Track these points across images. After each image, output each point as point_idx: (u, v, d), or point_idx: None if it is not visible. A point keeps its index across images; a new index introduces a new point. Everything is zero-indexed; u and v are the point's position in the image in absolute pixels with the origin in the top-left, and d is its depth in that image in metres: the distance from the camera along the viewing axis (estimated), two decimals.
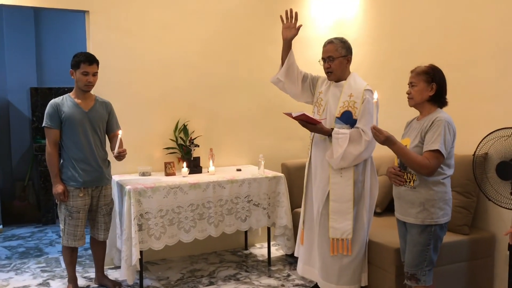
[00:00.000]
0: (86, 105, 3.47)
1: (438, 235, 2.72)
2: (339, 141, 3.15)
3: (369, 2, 4.70)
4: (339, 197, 3.25)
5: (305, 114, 3.12)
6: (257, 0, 4.72)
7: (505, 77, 3.36)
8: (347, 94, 3.25)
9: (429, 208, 2.67)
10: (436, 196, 2.67)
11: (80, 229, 3.45)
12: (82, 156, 3.42)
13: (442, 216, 2.69)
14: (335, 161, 3.19)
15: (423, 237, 2.70)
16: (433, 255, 2.73)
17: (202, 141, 4.47)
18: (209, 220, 3.87)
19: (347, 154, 3.15)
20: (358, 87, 3.25)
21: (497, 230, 3.42)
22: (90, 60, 3.40)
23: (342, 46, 3.26)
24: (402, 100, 4.05)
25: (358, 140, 3.15)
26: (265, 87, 4.79)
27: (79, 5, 4.00)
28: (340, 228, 3.25)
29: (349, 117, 3.22)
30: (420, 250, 2.71)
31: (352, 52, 3.34)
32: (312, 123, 3.19)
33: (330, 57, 3.26)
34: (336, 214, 3.26)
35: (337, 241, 3.27)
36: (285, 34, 3.38)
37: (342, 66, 3.29)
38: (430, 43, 3.97)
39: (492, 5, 3.42)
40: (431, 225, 2.68)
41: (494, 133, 3.00)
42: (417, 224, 2.71)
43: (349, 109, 3.22)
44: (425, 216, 2.68)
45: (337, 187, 3.25)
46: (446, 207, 2.71)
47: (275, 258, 4.44)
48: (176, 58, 4.41)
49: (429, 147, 2.61)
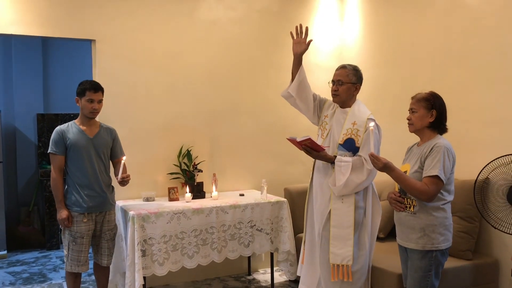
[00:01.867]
0: (91, 131, 3.53)
1: (439, 261, 2.72)
2: (342, 169, 3.17)
3: (369, 29, 4.79)
4: (340, 223, 3.25)
5: (311, 138, 3.13)
6: (260, 28, 4.82)
7: (504, 103, 3.40)
8: (350, 122, 3.28)
9: (430, 234, 2.67)
10: (436, 221, 2.68)
11: (83, 254, 3.46)
12: (87, 182, 3.46)
13: (442, 242, 2.69)
14: (338, 188, 3.21)
15: (424, 262, 2.70)
16: (434, 281, 2.72)
17: (205, 166, 4.51)
18: (212, 245, 3.88)
19: (349, 182, 3.17)
20: (361, 115, 3.28)
21: (501, 256, 3.42)
22: (95, 87, 3.47)
23: (354, 74, 3.31)
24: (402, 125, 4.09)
25: (360, 169, 3.18)
26: (268, 112, 4.87)
27: (86, 35, 4.11)
28: (340, 254, 3.24)
29: (352, 144, 3.25)
30: (422, 276, 2.71)
31: (362, 82, 3.37)
32: (316, 149, 3.21)
33: (339, 81, 3.30)
34: (336, 239, 3.26)
35: (338, 267, 3.25)
36: (295, 49, 3.39)
37: (349, 92, 3.32)
38: (430, 69, 4.03)
39: (491, 33, 3.49)
40: (432, 250, 2.68)
41: (497, 160, 3.01)
42: (417, 250, 2.71)
43: (352, 136, 3.26)
44: (426, 241, 2.68)
45: (338, 213, 3.26)
46: (446, 232, 2.71)
47: (279, 283, 4.43)
48: (179, 84, 4.49)
49: (428, 173, 2.63)
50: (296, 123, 4.87)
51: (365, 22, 4.85)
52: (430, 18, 4.03)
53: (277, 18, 4.89)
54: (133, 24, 4.28)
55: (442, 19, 3.91)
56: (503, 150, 3.36)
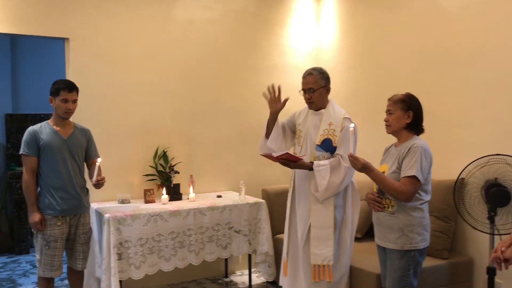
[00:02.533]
0: (65, 132, 3.44)
1: (418, 260, 2.75)
2: (322, 173, 3.18)
3: (345, 31, 4.83)
4: (320, 224, 3.26)
5: (288, 153, 3.16)
6: (237, 29, 4.80)
7: (478, 105, 3.47)
8: (326, 123, 3.31)
9: (408, 234, 2.70)
10: (415, 221, 2.70)
11: (57, 259, 3.36)
12: (61, 184, 3.37)
13: (421, 241, 2.72)
14: (321, 193, 3.21)
15: (403, 262, 2.73)
16: (413, 280, 2.75)
17: (182, 168, 4.45)
18: (189, 248, 3.83)
19: (330, 184, 3.18)
20: (337, 115, 3.31)
21: (475, 254, 3.49)
22: (69, 87, 3.38)
23: (321, 77, 3.33)
24: (379, 126, 4.14)
25: (338, 168, 3.20)
26: (245, 113, 4.84)
27: (59, 33, 4.00)
28: (321, 254, 3.26)
29: (329, 144, 3.28)
30: (400, 276, 2.73)
31: (330, 81, 3.41)
32: (293, 160, 3.21)
33: (310, 89, 3.32)
34: (317, 240, 3.27)
35: (319, 268, 3.26)
36: (272, 107, 3.38)
37: (322, 96, 3.36)
38: (406, 71, 4.09)
39: (466, 36, 3.56)
40: (410, 250, 2.71)
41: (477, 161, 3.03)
42: (396, 250, 2.74)
43: (329, 137, 3.28)
44: (404, 241, 2.71)
45: (318, 214, 3.27)
46: (424, 232, 2.74)
47: (256, 285, 4.41)
48: (156, 85, 4.42)
49: (406, 173, 2.66)
50: None
51: (341, 24, 4.89)
52: (406, 21, 4.09)
53: (254, 19, 4.88)
54: (108, 22, 4.19)
55: (418, 22, 3.97)
56: (478, 150, 3.43)
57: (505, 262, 2.26)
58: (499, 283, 3.25)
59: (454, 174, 3.55)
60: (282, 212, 4.30)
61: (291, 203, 3.46)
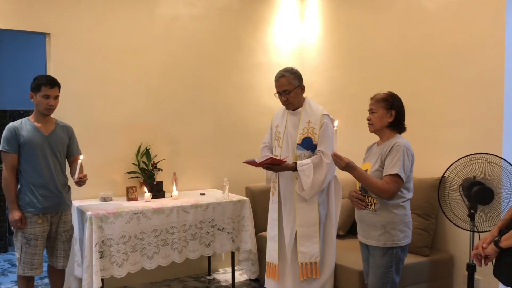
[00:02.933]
0: (46, 129, 3.38)
1: (400, 257, 2.79)
2: (306, 172, 3.20)
3: (329, 30, 4.86)
4: (306, 222, 3.28)
5: (272, 157, 3.17)
6: (220, 26, 4.78)
7: (459, 104, 3.53)
8: (305, 121, 3.33)
9: (390, 231, 2.73)
10: (397, 218, 2.73)
11: (38, 257, 3.31)
12: (42, 181, 3.31)
13: (403, 238, 2.75)
14: (307, 192, 3.22)
15: (385, 259, 2.76)
16: (395, 276, 2.79)
17: (165, 165, 4.42)
18: (172, 246, 3.82)
19: (315, 182, 3.20)
20: (315, 113, 3.33)
21: (455, 251, 3.54)
22: (51, 83, 3.33)
23: (294, 77, 3.33)
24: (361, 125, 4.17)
25: (321, 165, 3.22)
26: (228, 111, 4.84)
27: (40, 28, 3.94)
28: (308, 252, 3.27)
29: (310, 142, 3.30)
30: (383, 272, 2.76)
31: (302, 79, 3.40)
32: (277, 164, 3.21)
33: (285, 91, 3.33)
34: (303, 238, 3.28)
35: (306, 266, 3.27)
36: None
37: (298, 96, 3.37)
38: (388, 71, 4.13)
39: (447, 36, 3.61)
40: (392, 247, 2.74)
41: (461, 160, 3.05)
42: (379, 247, 2.77)
43: (308, 135, 3.30)
44: (387, 238, 2.74)
45: (302, 212, 3.29)
46: (406, 229, 2.78)
47: (239, 283, 4.41)
48: (139, 82, 4.39)
49: (388, 171, 2.69)
50: (257, 122, 4.89)
51: (325, 23, 4.92)
52: (389, 21, 4.13)
53: (238, 16, 4.87)
54: (90, 18, 4.14)
55: (400, 22, 4.02)
56: (458, 149, 3.49)
57: (485, 258, 2.31)
58: (478, 280, 3.31)
59: (435, 173, 3.62)
60: (266, 210, 4.30)
61: (278, 206, 3.43)
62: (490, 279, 3.26)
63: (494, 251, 2.23)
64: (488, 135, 3.32)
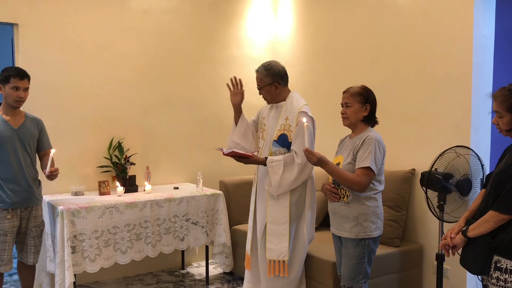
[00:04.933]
0: (15, 122, 3.30)
1: (372, 248, 2.84)
2: (274, 168, 3.19)
3: (301, 24, 4.89)
4: (276, 219, 3.27)
5: (234, 151, 3.16)
6: (193, 20, 4.75)
7: (428, 98, 3.61)
8: (284, 117, 3.30)
9: (362, 222, 2.77)
10: (369, 210, 2.78)
11: (7, 253, 3.24)
12: (11, 176, 3.24)
13: (374, 230, 2.80)
14: (274, 189, 3.22)
15: (357, 250, 2.80)
16: (367, 267, 2.84)
17: (138, 159, 4.38)
18: (146, 240, 3.79)
19: (283, 180, 3.18)
20: (293, 110, 3.28)
21: (425, 242, 3.64)
22: (21, 74, 3.25)
23: (266, 75, 3.29)
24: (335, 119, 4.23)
25: (292, 165, 3.18)
26: (202, 105, 4.82)
27: (8, 18, 3.83)
28: (276, 250, 3.26)
29: (285, 140, 3.27)
30: (356, 263, 2.81)
31: (280, 75, 3.32)
32: (243, 157, 3.19)
33: (258, 86, 3.36)
34: (272, 235, 3.27)
35: (274, 263, 3.27)
36: (233, 100, 3.45)
37: (271, 93, 3.33)
38: (360, 65, 4.19)
39: (418, 32, 3.69)
40: (364, 238, 2.78)
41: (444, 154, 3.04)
42: (351, 238, 2.81)
43: (285, 132, 3.28)
44: (359, 230, 2.78)
45: (273, 209, 3.28)
46: (378, 221, 2.83)
47: (213, 276, 4.42)
48: (110, 74, 4.32)
49: (360, 164, 2.71)
50: (230, 116, 4.84)
51: (298, 18, 4.94)
52: (361, 16, 4.18)
53: (211, 10, 4.85)
54: (60, 8, 4.05)
55: (372, 17, 4.08)
56: (428, 142, 3.59)
57: (453, 248, 2.38)
58: (446, 269, 3.41)
59: (405, 165, 3.71)
60: (240, 203, 4.34)
61: (255, 198, 3.45)
62: (458, 268, 3.37)
63: (462, 241, 2.30)
64: (457, 128, 3.41)
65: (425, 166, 3.34)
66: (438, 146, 3.39)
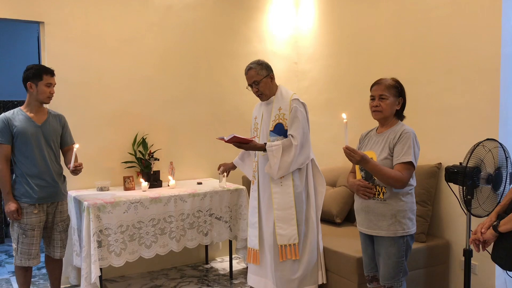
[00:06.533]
0: (39, 119, 3.36)
1: (410, 245, 2.73)
2: (274, 152, 3.33)
3: (323, 18, 4.84)
4: (281, 205, 3.40)
5: (235, 136, 3.25)
6: (215, 15, 4.75)
7: (456, 92, 3.53)
8: (277, 108, 3.46)
9: (401, 220, 2.65)
10: (407, 206, 2.67)
11: (35, 247, 3.30)
12: (37, 171, 3.30)
13: (412, 226, 2.70)
14: (274, 171, 3.36)
15: (397, 248, 2.67)
16: (405, 264, 2.73)
17: (161, 155, 4.41)
18: (170, 234, 3.82)
19: (283, 163, 3.33)
20: (285, 99, 3.45)
21: (451, 237, 3.57)
22: (51, 71, 3.36)
23: (261, 68, 3.47)
24: (357, 113, 4.18)
25: (290, 147, 3.34)
26: (224, 100, 4.83)
27: (34, 16, 3.89)
28: (286, 234, 3.38)
29: (281, 128, 3.42)
30: (396, 262, 2.68)
31: (272, 69, 3.51)
32: (244, 142, 3.32)
33: (255, 82, 3.47)
34: (280, 221, 3.39)
35: (285, 247, 3.39)
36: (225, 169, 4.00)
37: (268, 85, 3.48)
38: (384, 58, 4.12)
39: (442, 23, 3.61)
40: (403, 236, 2.67)
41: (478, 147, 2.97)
42: (389, 237, 2.67)
43: (280, 121, 3.43)
44: (397, 227, 2.66)
45: (278, 196, 3.41)
46: (414, 217, 2.72)
47: (237, 271, 4.43)
48: (134, 71, 4.35)
49: (401, 159, 2.59)
50: (251, 110, 4.86)
51: (320, 11, 4.89)
52: (385, 7, 4.11)
53: (233, 5, 4.84)
54: (85, 6, 4.09)
55: (396, 8, 4.00)
56: (453, 136, 3.51)
57: (483, 243, 2.33)
58: (474, 265, 3.34)
59: (432, 160, 3.64)
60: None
61: (257, 193, 3.55)
62: (486, 264, 3.30)
63: (493, 236, 2.25)
64: (484, 121, 3.33)
65: (451, 160, 3.29)
66: (465, 140, 3.32)
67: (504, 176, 2.88)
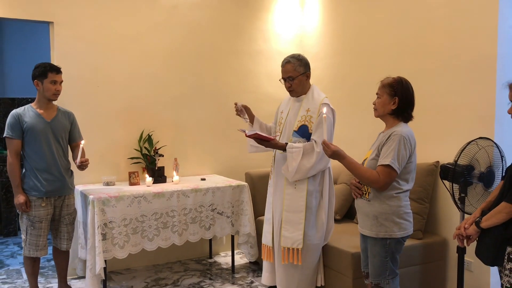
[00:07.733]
0: (48, 115, 3.49)
1: (395, 249, 2.69)
2: (293, 155, 3.24)
3: (328, 17, 4.89)
4: (292, 208, 3.34)
5: (257, 133, 3.20)
6: (220, 13, 4.83)
7: (453, 91, 3.56)
8: (305, 109, 3.36)
9: (383, 222, 2.64)
10: (390, 210, 2.63)
11: (42, 239, 3.44)
12: (45, 166, 3.43)
13: (398, 230, 2.64)
14: (290, 174, 3.27)
15: (379, 249, 2.69)
16: (392, 266, 2.72)
17: (166, 151, 4.52)
18: (173, 228, 3.93)
19: (301, 167, 3.23)
20: (315, 102, 3.34)
21: (448, 234, 3.61)
22: (57, 69, 3.46)
23: (300, 64, 3.35)
24: (361, 112, 4.23)
25: (311, 153, 3.23)
26: (229, 98, 4.90)
27: (44, 16, 4.02)
28: (291, 238, 3.32)
29: (306, 131, 3.33)
30: (380, 261, 2.70)
31: (310, 67, 3.43)
32: (265, 140, 3.24)
33: (290, 77, 3.35)
34: (288, 223, 3.34)
35: (288, 250, 3.34)
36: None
37: (302, 83, 3.39)
38: (387, 58, 4.16)
39: (444, 22, 3.64)
40: (385, 238, 2.65)
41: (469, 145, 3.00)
42: (371, 237, 2.70)
43: (305, 123, 3.33)
44: (379, 229, 2.66)
45: (290, 198, 3.35)
46: (401, 221, 2.65)
47: (239, 266, 4.52)
48: (141, 68, 4.47)
49: (381, 161, 2.59)
50: (257, 108, 4.90)
51: (325, 11, 4.94)
52: (387, 7, 4.15)
53: (238, 4, 4.91)
54: (92, 6, 4.21)
55: (398, 8, 4.04)
56: (452, 135, 3.55)
57: (467, 239, 2.38)
58: (469, 262, 3.37)
59: (429, 158, 3.68)
60: (264, 195, 4.39)
61: (273, 189, 3.52)
62: None
63: (475, 232, 2.30)
64: (481, 120, 3.36)
65: (448, 158, 3.32)
66: (462, 138, 3.34)
67: (497, 175, 2.92)
